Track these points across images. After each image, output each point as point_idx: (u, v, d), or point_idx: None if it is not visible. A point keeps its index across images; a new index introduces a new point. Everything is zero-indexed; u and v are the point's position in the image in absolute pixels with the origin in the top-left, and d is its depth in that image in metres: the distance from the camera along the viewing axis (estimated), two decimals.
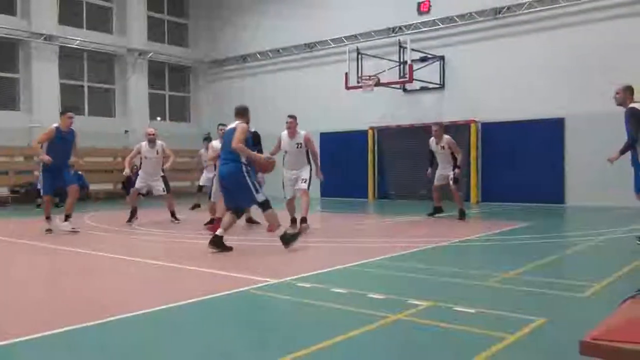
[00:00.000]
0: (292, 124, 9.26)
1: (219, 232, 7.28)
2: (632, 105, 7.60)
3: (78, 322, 4.01)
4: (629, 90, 7.79)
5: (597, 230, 9.16)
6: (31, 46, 18.53)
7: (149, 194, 12.38)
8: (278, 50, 20.60)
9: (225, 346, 3.61)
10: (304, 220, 9.12)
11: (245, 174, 7.29)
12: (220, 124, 11.33)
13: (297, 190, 9.34)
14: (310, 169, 9.37)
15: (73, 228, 9.37)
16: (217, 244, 7.19)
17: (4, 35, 18.06)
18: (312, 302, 4.66)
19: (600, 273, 5.75)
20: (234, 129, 7.42)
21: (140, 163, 11.56)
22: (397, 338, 3.72)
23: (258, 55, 21.26)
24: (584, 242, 8.10)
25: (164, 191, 11.39)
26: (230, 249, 7.28)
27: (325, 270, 6.04)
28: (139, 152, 11.40)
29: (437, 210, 11.55)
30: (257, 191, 7.40)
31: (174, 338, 3.77)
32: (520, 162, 15.24)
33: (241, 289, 5.08)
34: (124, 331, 3.96)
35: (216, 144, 10.12)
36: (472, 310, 4.22)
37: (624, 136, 7.72)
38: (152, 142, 11.25)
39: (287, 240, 7.36)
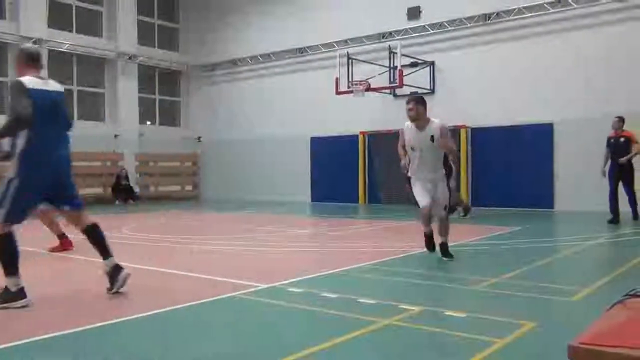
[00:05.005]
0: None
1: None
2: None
3: (62, 329, 4.00)
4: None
5: (585, 235, 9.23)
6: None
7: None
8: (269, 55, 20.61)
9: (213, 352, 3.59)
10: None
11: None
12: None
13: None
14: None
15: None
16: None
17: None
18: (302, 307, 4.66)
19: (588, 277, 5.79)
20: None
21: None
22: (387, 343, 3.73)
23: (249, 59, 21.26)
24: (572, 246, 8.15)
25: None
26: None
27: (316, 275, 6.05)
28: None
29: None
30: None
31: (162, 344, 3.76)
32: (509, 167, 15.34)
33: (231, 294, 5.07)
34: (110, 338, 3.94)
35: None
36: (463, 315, 4.25)
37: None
38: None
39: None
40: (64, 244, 7.93)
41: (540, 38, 15.11)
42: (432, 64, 16.78)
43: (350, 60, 16.27)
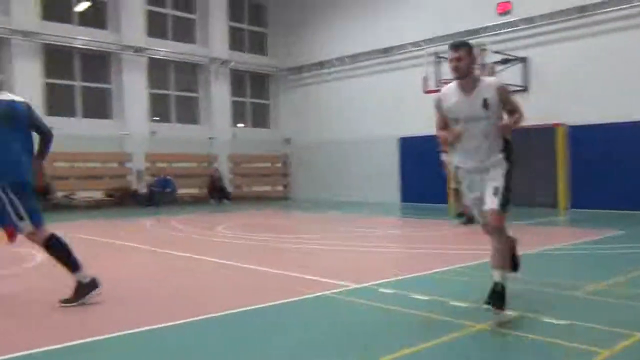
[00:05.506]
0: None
1: None
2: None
3: (164, 321, 4.22)
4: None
5: None
6: (122, 58, 19.56)
7: None
8: (355, 56, 20.65)
9: (304, 351, 3.67)
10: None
11: None
12: None
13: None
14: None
15: None
16: None
17: (97, 48, 19.16)
18: (394, 308, 4.65)
19: None
20: None
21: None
22: (481, 348, 3.65)
23: (335, 61, 21.41)
24: None
25: None
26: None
27: (407, 276, 6.02)
28: None
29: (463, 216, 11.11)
30: None
31: (257, 341, 3.88)
32: (612, 166, 14.48)
33: (322, 293, 5.14)
34: (204, 333, 4.11)
35: None
36: (562, 322, 4.07)
37: None
38: None
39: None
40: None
41: None
42: (524, 60, 16.18)
43: (438, 59, 16.00)
